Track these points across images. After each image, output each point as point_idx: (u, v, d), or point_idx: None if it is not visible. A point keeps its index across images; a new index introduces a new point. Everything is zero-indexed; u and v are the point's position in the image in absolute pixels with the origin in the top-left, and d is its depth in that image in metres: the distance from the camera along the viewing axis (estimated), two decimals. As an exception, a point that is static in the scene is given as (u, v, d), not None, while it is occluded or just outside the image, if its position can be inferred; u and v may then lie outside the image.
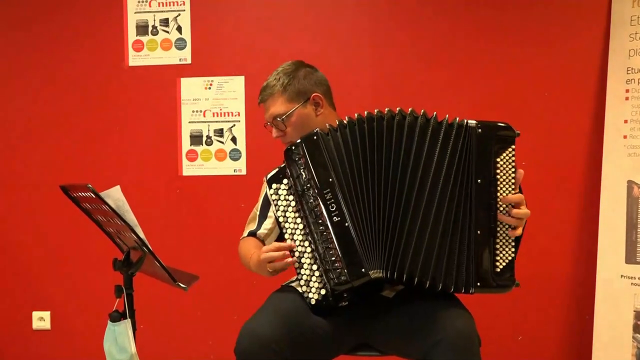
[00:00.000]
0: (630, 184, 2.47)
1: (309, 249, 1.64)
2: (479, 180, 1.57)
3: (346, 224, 1.60)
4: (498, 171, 1.58)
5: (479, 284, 1.56)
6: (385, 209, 1.60)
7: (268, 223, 1.89)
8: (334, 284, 1.59)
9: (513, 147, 1.59)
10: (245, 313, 1.64)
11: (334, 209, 1.61)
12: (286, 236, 1.68)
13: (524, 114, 2.66)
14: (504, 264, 1.57)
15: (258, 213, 1.93)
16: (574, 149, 2.64)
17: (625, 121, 2.50)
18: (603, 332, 2.48)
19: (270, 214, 1.89)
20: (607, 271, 2.48)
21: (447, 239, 1.57)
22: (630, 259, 2.45)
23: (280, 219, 1.70)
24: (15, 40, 2.93)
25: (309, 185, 1.64)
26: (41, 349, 2.96)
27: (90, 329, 2.86)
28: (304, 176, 1.65)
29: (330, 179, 1.62)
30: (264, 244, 1.87)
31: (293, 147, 1.67)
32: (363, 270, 1.58)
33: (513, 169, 1.59)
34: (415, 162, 1.59)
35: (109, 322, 1.64)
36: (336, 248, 1.60)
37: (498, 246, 1.57)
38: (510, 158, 1.59)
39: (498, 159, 1.58)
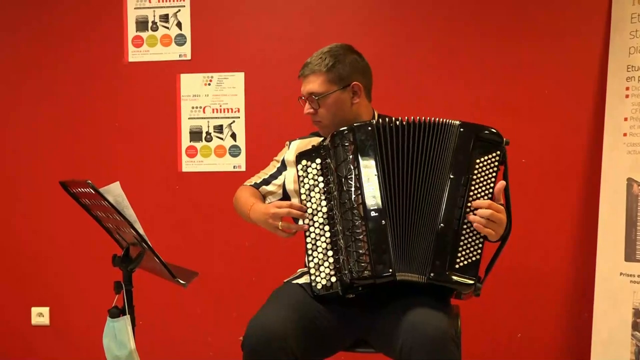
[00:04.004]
0: (630, 181, 2.47)
1: (328, 234, 1.63)
2: (451, 176, 1.58)
3: (383, 222, 1.58)
4: (475, 171, 1.57)
5: (432, 274, 1.54)
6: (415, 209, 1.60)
7: (275, 184, 1.89)
8: (356, 277, 1.57)
9: (498, 152, 1.58)
10: (245, 310, 1.65)
11: (373, 202, 1.60)
12: (306, 215, 1.67)
13: (524, 111, 2.65)
14: (465, 262, 1.54)
15: (271, 172, 1.92)
16: (573, 147, 2.63)
17: (625, 119, 2.49)
18: (602, 329, 2.48)
19: (281, 177, 1.88)
20: (606, 269, 2.48)
21: (415, 229, 1.58)
22: (629, 256, 2.44)
23: (303, 197, 1.68)
24: (14, 37, 2.92)
25: (351, 174, 1.62)
26: (40, 345, 2.96)
27: (90, 325, 2.86)
28: (348, 164, 1.63)
29: (376, 174, 1.61)
30: (264, 200, 1.86)
31: (344, 132, 1.66)
32: (390, 270, 1.56)
33: (493, 174, 1.57)
34: (423, 164, 1.62)
35: (108, 318, 1.64)
36: (368, 242, 1.57)
37: (462, 243, 1.55)
38: (492, 162, 1.58)
39: (477, 160, 1.58)
